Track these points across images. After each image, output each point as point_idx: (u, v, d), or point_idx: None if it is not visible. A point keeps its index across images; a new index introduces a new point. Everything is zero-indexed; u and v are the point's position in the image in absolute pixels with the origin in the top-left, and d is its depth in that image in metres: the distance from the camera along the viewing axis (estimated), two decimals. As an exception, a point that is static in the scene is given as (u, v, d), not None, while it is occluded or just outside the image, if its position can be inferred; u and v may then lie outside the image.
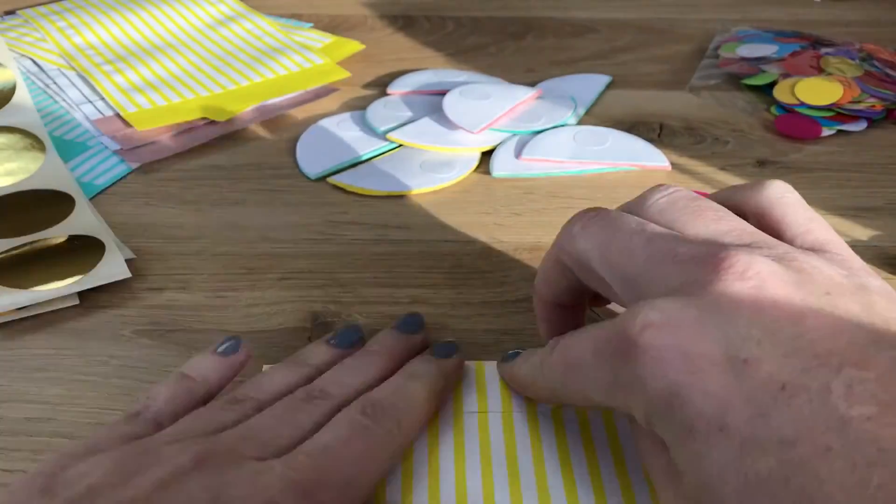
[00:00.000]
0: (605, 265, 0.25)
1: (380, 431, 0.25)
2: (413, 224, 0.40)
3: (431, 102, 0.49)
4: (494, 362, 0.31)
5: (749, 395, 0.19)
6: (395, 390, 0.27)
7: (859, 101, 0.48)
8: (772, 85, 0.51)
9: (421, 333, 0.31)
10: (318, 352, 0.30)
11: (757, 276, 0.21)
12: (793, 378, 0.19)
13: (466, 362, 0.31)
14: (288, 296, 0.36)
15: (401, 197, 0.42)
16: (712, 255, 0.22)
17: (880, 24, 0.61)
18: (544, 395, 0.27)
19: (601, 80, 0.53)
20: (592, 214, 0.27)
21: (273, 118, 0.50)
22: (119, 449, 0.24)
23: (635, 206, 0.27)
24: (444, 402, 0.29)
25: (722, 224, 0.24)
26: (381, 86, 0.53)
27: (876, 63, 0.52)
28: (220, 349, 0.29)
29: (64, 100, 0.50)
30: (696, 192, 0.27)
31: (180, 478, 0.22)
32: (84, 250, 0.37)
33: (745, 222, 0.25)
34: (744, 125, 0.49)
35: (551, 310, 0.30)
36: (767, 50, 0.54)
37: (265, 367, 0.31)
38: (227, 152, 0.46)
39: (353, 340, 0.31)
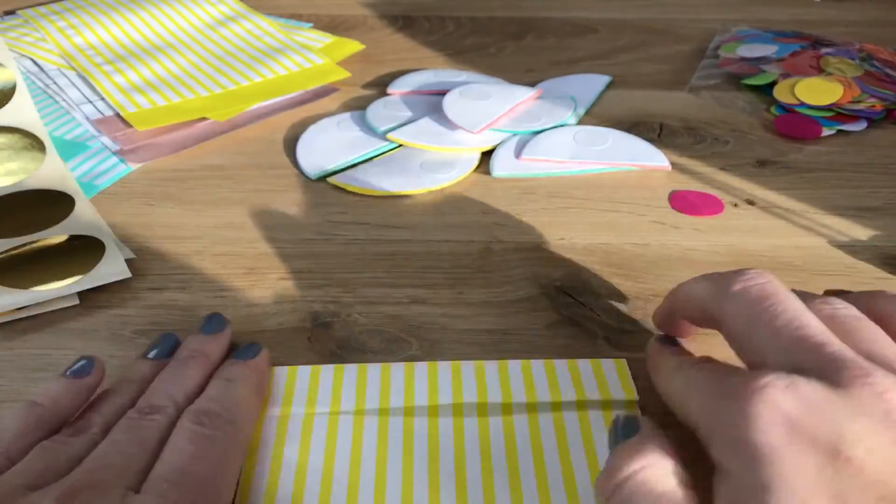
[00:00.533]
0: (747, 335, 0.24)
1: (221, 435, 0.26)
2: (413, 224, 0.40)
3: (431, 102, 0.49)
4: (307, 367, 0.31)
5: (838, 491, 0.19)
6: (218, 394, 0.28)
7: (859, 101, 0.48)
8: (772, 85, 0.51)
9: (226, 331, 0.32)
10: (142, 368, 0.30)
11: (892, 400, 0.20)
12: (891, 493, 0.19)
13: (277, 368, 0.31)
14: (288, 296, 0.36)
15: (401, 197, 0.42)
16: (858, 365, 0.21)
17: (880, 24, 0.61)
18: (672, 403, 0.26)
19: (601, 80, 0.53)
20: (753, 279, 0.25)
21: (273, 118, 0.50)
22: None
23: (800, 296, 0.25)
24: (262, 396, 0.30)
25: (877, 346, 0.23)
26: (381, 86, 0.53)
27: (876, 63, 0.52)
28: (70, 371, 0.29)
29: (64, 100, 0.50)
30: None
31: None
32: (84, 250, 0.37)
33: None
34: (744, 125, 0.49)
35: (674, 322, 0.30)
36: (767, 50, 0.54)
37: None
38: (227, 152, 0.46)
39: (170, 348, 0.31)
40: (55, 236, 0.38)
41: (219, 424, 0.26)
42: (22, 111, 0.47)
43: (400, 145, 0.46)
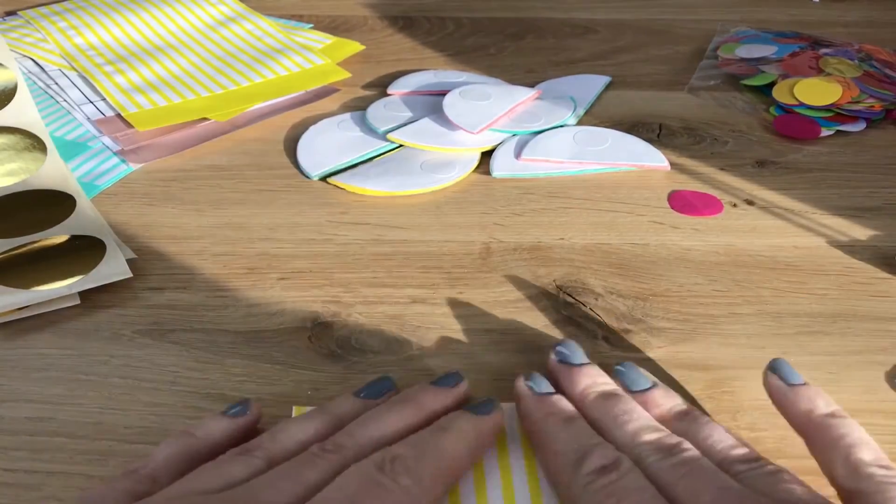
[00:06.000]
0: None
1: (395, 488, 0.23)
2: (413, 224, 0.41)
3: (431, 103, 0.49)
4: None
5: None
6: (418, 443, 0.25)
7: (858, 102, 0.48)
8: (771, 85, 0.51)
9: (457, 388, 0.29)
10: (344, 403, 0.28)
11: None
12: None
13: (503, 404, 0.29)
14: (288, 296, 0.36)
15: (401, 197, 0.42)
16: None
17: (879, 24, 0.61)
18: None
19: (601, 81, 0.53)
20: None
21: (274, 118, 0.50)
22: None
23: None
24: (476, 461, 0.27)
25: None
26: (381, 86, 0.53)
27: (875, 63, 0.52)
28: (228, 412, 0.28)
29: (65, 100, 0.50)
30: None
31: None
32: (85, 250, 0.37)
33: None
34: (743, 125, 0.49)
35: None
36: (766, 50, 0.54)
37: (294, 408, 0.30)
38: (227, 152, 0.47)
39: (381, 392, 0.29)
40: (56, 236, 0.38)
41: (400, 474, 0.23)
42: (23, 111, 0.47)
43: (400, 145, 0.46)
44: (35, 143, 0.45)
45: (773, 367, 0.28)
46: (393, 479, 0.23)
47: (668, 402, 0.28)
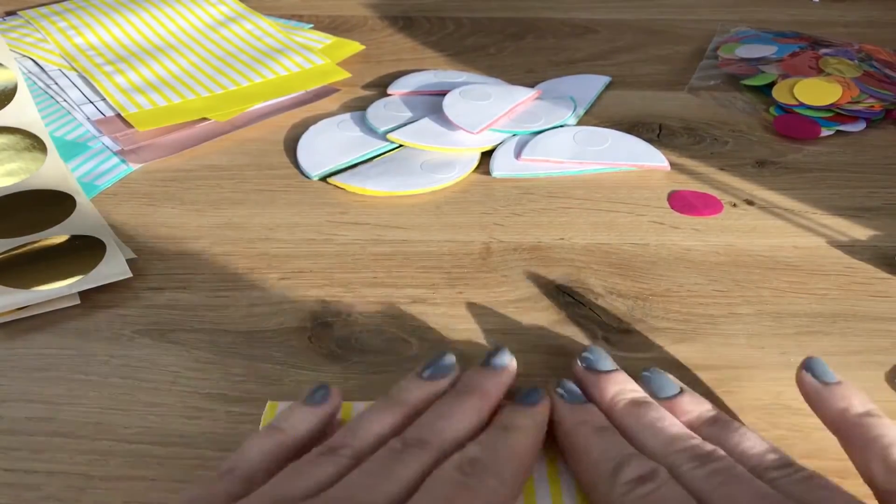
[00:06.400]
0: None
1: (482, 489, 0.24)
2: (413, 224, 0.41)
3: (431, 103, 0.49)
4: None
5: None
6: (493, 444, 0.25)
7: (858, 102, 0.48)
8: (771, 85, 0.51)
9: (510, 368, 0.29)
10: (412, 387, 0.28)
11: None
12: None
13: None
14: (288, 296, 0.36)
15: (401, 197, 0.42)
16: None
17: (879, 24, 0.61)
18: None
19: (601, 81, 0.53)
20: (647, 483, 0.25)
21: (274, 118, 0.50)
22: None
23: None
24: (539, 446, 0.27)
25: None
26: (381, 86, 0.53)
27: (875, 63, 0.52)
28: (309, 399, 0.28)
29: (65, 100, 0.50)
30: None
31: None
32: (85, 250, 0.37)
33: None
34: (743, 126, 0.49)
35: None
36: (766, 50, 0.54)
37: (353, 404, 0.30)
38: (227, 152, 0.47)
39: (446, 372, 0.29)
40: (56, 236, 0.38)
41: (483, 477, 0.24)
42: (23, 112, 0.47)
43: (400, 145, 0.46)
44: (35, 143, 0.45)
45: (808, 366, 0.28)
46: (480, 480, 0.24)
47: (698, 407, 0.28)
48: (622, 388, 0.28)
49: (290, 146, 0.47)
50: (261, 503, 0.23)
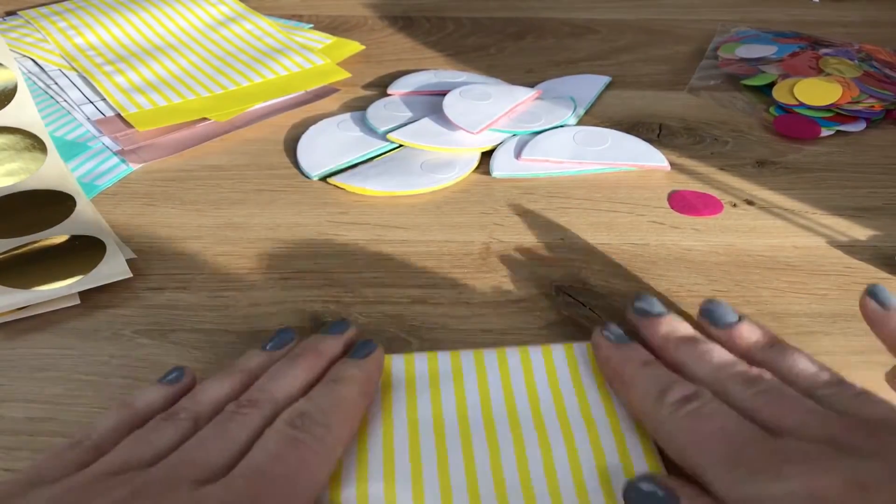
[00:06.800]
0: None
1: (310, 440, 0.25)
2: (413, 224, 0.41)
3: (431, 103, 0.49)
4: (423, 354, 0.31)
5: None
6: (320, 397, 0.27)
7: (858, 102, 0.48)
8: (771, 85, 0.51)
9: (347, 332, 0.31)
10: (252, 358, 0.30)
11: None
12: None
13: (395, 355, 0.31)
14: (288, 296, 0.36)
15: (401, 197, 0.42)
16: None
17: (879, 24, 0.61)
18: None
19: (601, 81, 0.53)
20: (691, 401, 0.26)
21: (273, 118, 0.50)
22: (60, 483, 0.24)
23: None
24: (372, 400, 0.29)
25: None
26: (381, 86, 0.53)
27: (875, 63, 0.52)
28: (163, 379, 0.30)
29: (65, 100, 0.50)
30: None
31: None
32: (85, 250, 0.37)
33: None
34: (743, 126, 0.49)
35: None
36: (766, 51, 0.54)
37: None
38: (227, 152, 0.47)
39: (284, 342, 0.31)
40: (56, 236, 0.38)
41: (311, 427, 0.26)
42: (23, 111, 0.47)
43: (400, 145, 0.46)
44: (35, 143, 0.45)
45: (871, 292, 0.30)
46: (307, 432, 0.26)
47: (755, 334, 0.30)
48: (674, 327, 0.30)
49: (290, 146, 0.47)
50: (106, 469, 0.25)
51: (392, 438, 0.28)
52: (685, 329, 0.30)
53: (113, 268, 0.36)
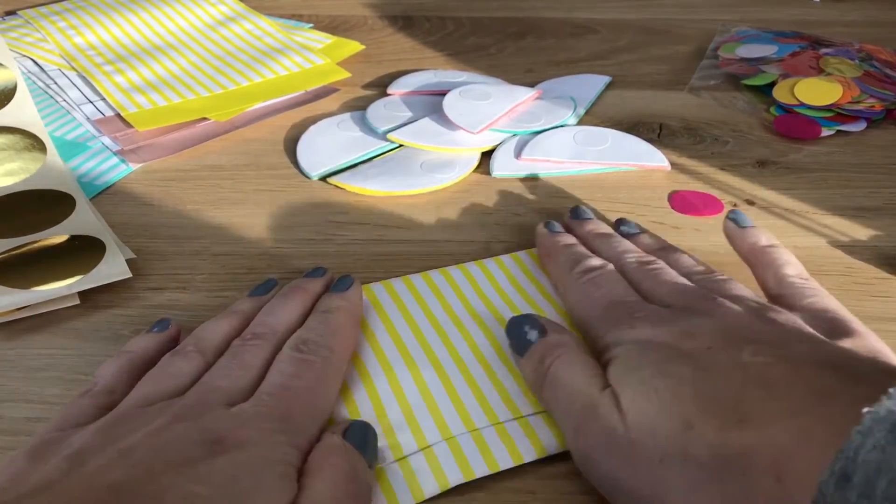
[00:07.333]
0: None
1: (318, 360, 0.29)
2: (413, 224, 0.41)
3: (431, 103, 0.49)
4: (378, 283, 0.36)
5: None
6: (316, 325, 0.31)
7: (859, 102, 0.48)
8: (771, 85, 0.51)
9: (326, 275, 0.35)
10: (243, 302, 0.33)
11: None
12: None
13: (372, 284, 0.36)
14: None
15: (401, 197, 0.42)
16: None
17: (880, 24, 0.61)
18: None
19: (601, 81, 0.53)
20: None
21: (273, 118, 0.50)
22: (94, 425, 0.26)
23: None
24: (359, 324, 0.33)
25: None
26: (381, 86, 0.53)
27: (875, 63, 0.52)
28: (151, 328, 0.32)
29: (64, 100, 0.50)
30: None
31: (167, 426, 0.25)
32: (84, 250, 0.37)
33: None
34: (743, 125, 0.49)
35: None
36: (767, 50, 0.54)
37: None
38: (227, 152, 0.46)
39: (269, 288, 0.34)
40: (56, 236, 0.38)
41: (316, 350, 0.29)
42: (23, 111, 0.47)
43: (400, 145, 0.46)
44: (35, 143, 0.45)
45: (731, 216, 0.36)
46: (314, 353, 0.29)
47: (653, 241, 0.36)
48: (596, 226, 0.37)
49: (290, 146, 0.47)
50: (131, 405, 0.27)
51: (379, 345, 0.32)
52: (604, 228, 0.37)
53: (112, 268, 0.36)
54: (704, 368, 0.25)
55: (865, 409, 0.19)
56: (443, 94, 0.49)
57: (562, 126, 0.47)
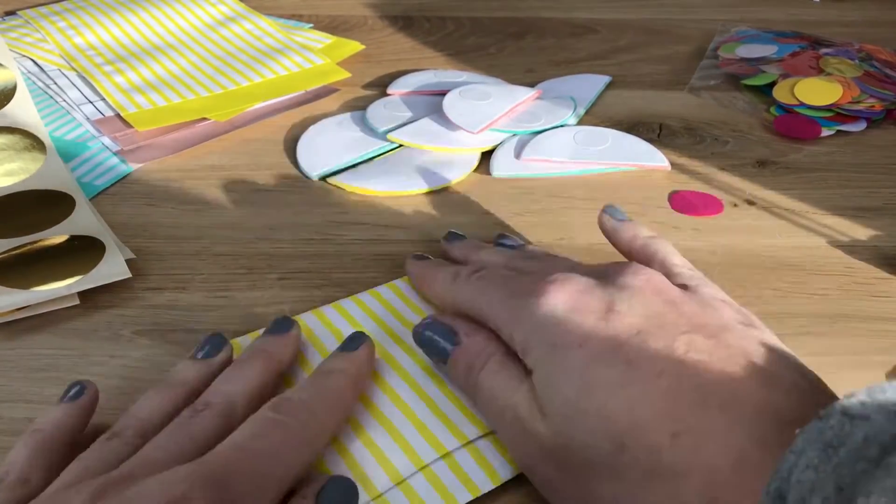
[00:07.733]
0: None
1: (293, 423, 0.25)
2: (413, 224, 0.41)
3: (431, 103, 0.49)
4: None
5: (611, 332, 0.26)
6: (308, 386, 0.28)
7: (859, 102, 0.48)
8: (771, 85, 0.51)
9: (292, 331, 0.31)
10: (186, 369, 0.29)
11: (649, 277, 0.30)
12: (644, 329, 0.26)
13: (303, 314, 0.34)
14: (288, 296, 0.36)
15: (401, 197, 0.42)
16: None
17: (880, 24, 0.61)
18: None
19: (601, 81, 0.53)
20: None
21: (273, 118, 0.50)
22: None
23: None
24: (362, 391, 0.30)
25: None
26: (381, 86, 0.53)
27: (875, 63, 0.52)
28: (66, 397, 0.28)
29: (64, 100, 0.50)
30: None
31: None
32: (84, 250, 0.37)
33: None
34: (743, 125, 0.49)
35: None
36: (767, 50, 0.54)
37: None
38: (227, 152, 0.46)
39: (218, 347, 0.30)
40: (55, 236, 0.38)
41: (295, 412, 0.26)
42: (22, 111, 0.47)
43: (400, 145, 0.46)
44: (34, 143, 0.45)
45: (606, 210, 0.34)
46: (291, 415, 0.25)
47: (541, 251, 0.36)
48: (472, 248, 0.36)
49: (290, 146, 0.47)
50: (61, 485, 0.23)
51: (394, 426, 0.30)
52: (480, 243, 0.37)
53: (112, 268, 0.36)
54: (636, 367, 0.24)
55: (798, 430, 0.20)
56: (443, 94, 0.49)
57: (562, 126, 0.47)
